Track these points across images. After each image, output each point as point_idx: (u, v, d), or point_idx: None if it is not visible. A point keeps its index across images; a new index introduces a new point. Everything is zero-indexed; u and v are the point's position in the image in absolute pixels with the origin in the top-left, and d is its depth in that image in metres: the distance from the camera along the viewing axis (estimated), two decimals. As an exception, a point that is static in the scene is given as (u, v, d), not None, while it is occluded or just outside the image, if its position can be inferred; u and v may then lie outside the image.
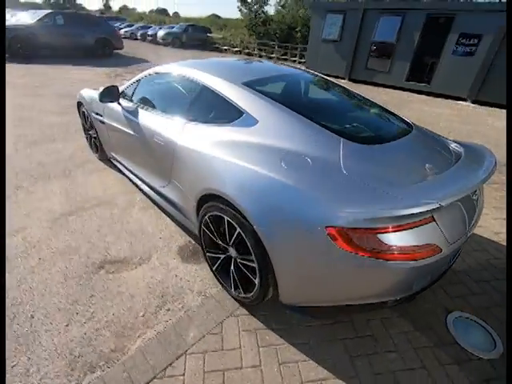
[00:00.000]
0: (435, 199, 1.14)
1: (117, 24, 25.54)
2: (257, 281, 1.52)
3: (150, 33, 22.61)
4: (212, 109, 1.88)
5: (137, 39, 23.29)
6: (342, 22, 10.42)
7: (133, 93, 2.48)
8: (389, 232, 1.13)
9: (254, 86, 1.79)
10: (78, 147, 3.76)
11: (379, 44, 9.83)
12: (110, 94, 2.41)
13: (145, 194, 2.68)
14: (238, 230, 1.48)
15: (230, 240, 1.61)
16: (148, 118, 2.20)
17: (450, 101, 8.75)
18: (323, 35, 11.05)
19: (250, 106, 1.65)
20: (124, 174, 2.95)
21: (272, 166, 1.39)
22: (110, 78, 8.49)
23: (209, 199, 1.65)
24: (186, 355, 1.49)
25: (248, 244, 1.45)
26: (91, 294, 1.80)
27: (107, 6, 44.76)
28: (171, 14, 65.70)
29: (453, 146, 1.74)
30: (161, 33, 20.67)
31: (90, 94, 3.04)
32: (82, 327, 1.60)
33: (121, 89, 2.60)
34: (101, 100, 2.43)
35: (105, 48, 12.19)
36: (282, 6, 21.16)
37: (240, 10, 20.35)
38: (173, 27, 22.11)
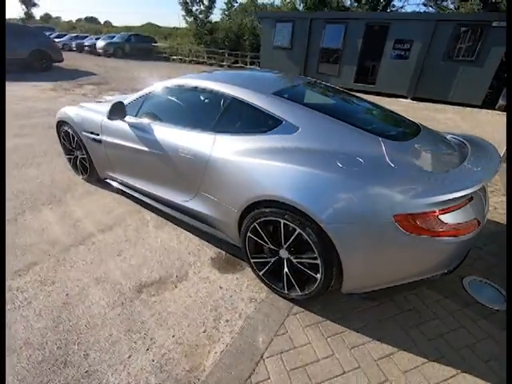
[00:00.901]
0: (474, 182, 1.38)
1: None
2: (319, 276, 1.62)
3: (87, 43, 21.16)
4: (245, 120, 1.94)
5: (72, 50, 21.57)
6: (291, 30, 11.05)
7: (140, 108, 2.39)
8: (447, 212, 1.34)
9: (283, 95, 1.90)
10: (56, 170, 3.43)
11: (328, 50, 10.66)
12: (118, 110, 2.30)
13: (156, 211, 2.59)
14: (298, 230, 1.57)
15: (285, 242, 1.69)
16: (167, 133, 2.15)
17: (393, 99, 9.86)
18: (275, 43, 11.58)
19: (288, 115, 1.75)
20: (124, 193, 2.81)
21: (329, 166, 1.52)
22: (57, 93, 7.81)
23: (258, 206, 1.71)
24: (264, 360, 1.53)
25: (310, 242, 1.55)
26: (142, 320, 1.71)
27: (28, 14, 40.41)
28: (102, 22, 62.10)
29: (457, 138, 2.05)
30: (101, 43, 19.48)
31: (79, 112, 2.83)
32: (146, 355, 1.53)
33: (112, 103, 2.49)
34: (110, 118, 2.30)
35: (42, 61, 11.10)
36: (226, 15, 21.53)
37: (185, 19, 20.20)
38: (113, 37, 20.98)
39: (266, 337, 1.64)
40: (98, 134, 2.64)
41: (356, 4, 15.25)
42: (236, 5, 21.32)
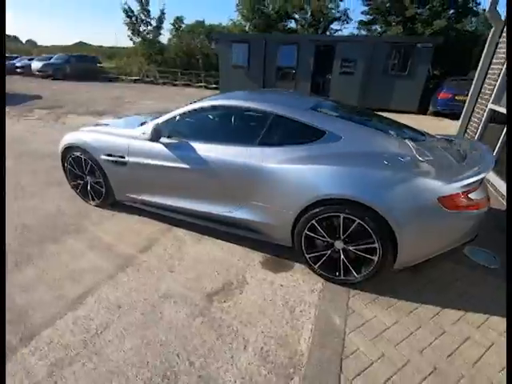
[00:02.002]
0: (484, 169, 1.85)
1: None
2: (376, 258, 1.93)
3: (18, 64, 19.33)
4: (290, 133, 2.20)
5: None
6: (247, 50, 11.73)
7: (173, 129, 2.49)
8: (472, 192, 1.78)
9: (318, 109, 2.23)
10: (59, 199, 3.25)
11: (283, 68, 11.54)
12: (158, 132, 2.38)
13: (189, 226, 2.69)
14: (358, 221, 1.88)
15: (343, 234, 1.98)
16: (211, 150, 2.31)
17: (345, 109, 11.03)
18: (233, 62, 12.12)
19: (330, 126, 2.08)
20: (148, 213, 2.83)
21: (378, 165, 1.88)
22: (9, 119, 7.11)
23: (316, 205, 1.97)
24: (348, 335, 1.76)
25: (369, 229, 1.86)
26: (227, 325, 1.82)
27: None
28: (24, 41, 57.00)
29: (448, 138, 2.59)
30: (37, 64, 17.99)
31: (97, 136, 2.80)
32: (246, 353, 1.65)
33: (152, 126, 2.57)
34: (154, 140, 2.38)
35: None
36: (174, 36, 21.72)
37: (131, 39, 19.85)
38: (50, 57, 19.54)
39: (340, 317, 1.89)
40: (122, 157, 2.65)
41: (299, 27, 16.85)
42: (183, 26, 21.67)
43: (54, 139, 5.47)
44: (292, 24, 17.23)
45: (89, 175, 2.98)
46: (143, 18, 18.48)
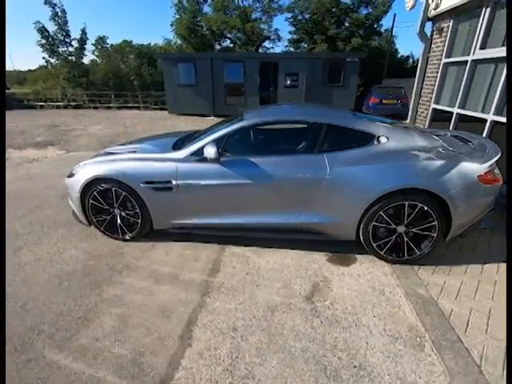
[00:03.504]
0: (497, 152, 2.43)
1: None
2: (435, 234, 2.33)
3: None
4: (346, 139, 2.47)
5: None
6: (193, 69, 11.80)
7: (223, 147, 2.51)
8: (495, 169, 2.33)
9: (361, 117, 2.58)
10: (76, 241, 2.87)
11: (232, 84, 11.96)
12: (217, 152, 2.39)
13: (244, 241, 2.74)
14: (420, 205, 2.25)
15: (407, 219, 2.32)
16: (270, 163, 2.44)
17: (294, 119, 11.97)
18: (179, 81, 12.02)
19: (378, 130, 2.44)
20: (188, 237, 2.79)
21: (427, 157, 2.30)
22: None
23: (382, 199, 2.28)
24: (438, 301, 2.09)
25: (430, 211, 2.25)
26: (343, 319, 1.96)
27: None
28: None
29: (452, 132, 3.22)
30: None
31: (130, 164, 2.63)
32: (375, 336, 1.82)
33: (196, 147, 2.55)
34: (217, 160, 2.38)
35: None
36: (99, 56, 20.28)
37: (47, 62, 17.75)
38: None
39: (422, 288, 2.21)
40: (169, 182, 2.55)
41: (232, 45, 17.67)
42: (108, 45, 20.44)
43: (18, 176, 4.71)
44: (227, 43, 18.03)
45: (119, 208, 2.75)
46: (61, 38, 16.82)
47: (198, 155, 2.54)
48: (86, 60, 18.96)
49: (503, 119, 3.67)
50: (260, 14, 17.99)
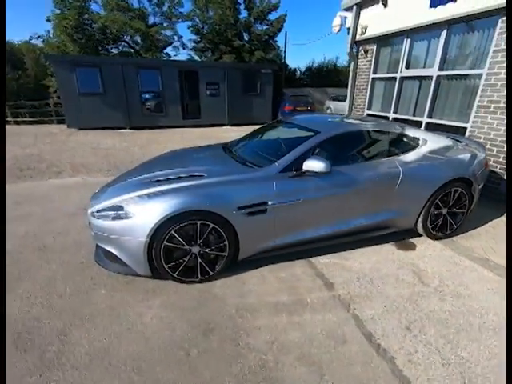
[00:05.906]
0: (483, 146, 3.40)
1: None
2: (465, 210, 3.07)
3: None
4: (405, 144, 2.90)
5: None
6: (99, 75, 10.08)
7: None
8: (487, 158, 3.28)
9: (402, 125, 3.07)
10: (146, 298, 2.21)
11: (149, 93, 10.88)
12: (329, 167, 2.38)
13: (313, 251, 2.80)
14: (460, 190, 2.94)
15: (451, 203, 2.97)
16: (356, 169, 2.66)
17: (217, 127, 12.02)
18: (82, 89, 10.02)
19: (419, 134, 3.00)
20: (267, 261, 2.66)
21: (460, 153, 3.01)
22: None
23: (441, 188, 2.84)
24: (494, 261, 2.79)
25: (465, 193, 2.97)
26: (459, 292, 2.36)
27: None
28: None
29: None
30: None
31: (223, 189, 2.25)
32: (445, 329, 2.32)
33: (285, 163, 2.46)
34: (328, 170, 2.32)
35: None
36: None
37: None
38: None
39: (473, 251, 2.89)
40: (264, 203, 2.34)
41: (132, 50, 15.86)
42: None
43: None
44: (125, 47, 15.87)
45: (199, 244, 2.30)
46: None
47: (289, 170, 2.46)
48: None
49: (433, 120, 5.05)
50: (160, 19, 16.96)
